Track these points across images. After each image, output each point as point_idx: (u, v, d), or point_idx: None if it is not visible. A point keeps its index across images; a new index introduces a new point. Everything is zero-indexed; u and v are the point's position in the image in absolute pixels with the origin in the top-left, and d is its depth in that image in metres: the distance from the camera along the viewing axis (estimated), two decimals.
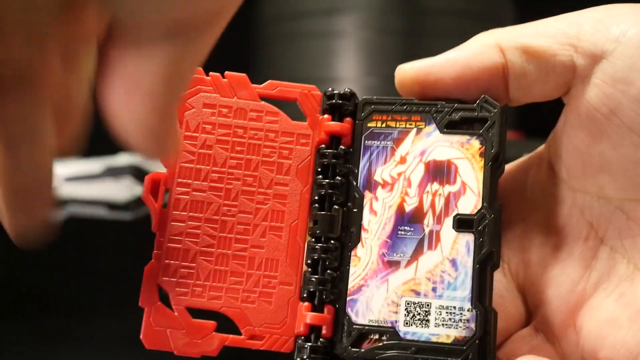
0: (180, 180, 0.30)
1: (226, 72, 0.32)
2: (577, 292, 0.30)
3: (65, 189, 0.80)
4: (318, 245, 0.30)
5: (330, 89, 0.32)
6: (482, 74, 0.29)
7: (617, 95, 0.26)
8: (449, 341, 0.28)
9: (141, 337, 0.28)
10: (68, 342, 0.75)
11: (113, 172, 0.79)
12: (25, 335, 0.77)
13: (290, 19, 0.68)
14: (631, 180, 0.27)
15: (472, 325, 0.28)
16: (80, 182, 0.80)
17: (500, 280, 0.31)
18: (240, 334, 0.29)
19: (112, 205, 0.78)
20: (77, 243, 0.92)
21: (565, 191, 0.30)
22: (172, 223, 0.30)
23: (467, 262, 0.29)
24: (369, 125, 0.31)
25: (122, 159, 0.80)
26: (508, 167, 0.33)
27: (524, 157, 0.33)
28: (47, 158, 0.21)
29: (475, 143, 0.30)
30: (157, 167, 0.30)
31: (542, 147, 0.32)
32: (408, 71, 0.30)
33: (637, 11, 0.27)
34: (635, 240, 0.28)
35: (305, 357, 0.29)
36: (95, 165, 0.80)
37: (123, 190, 0.78)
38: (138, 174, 0.77)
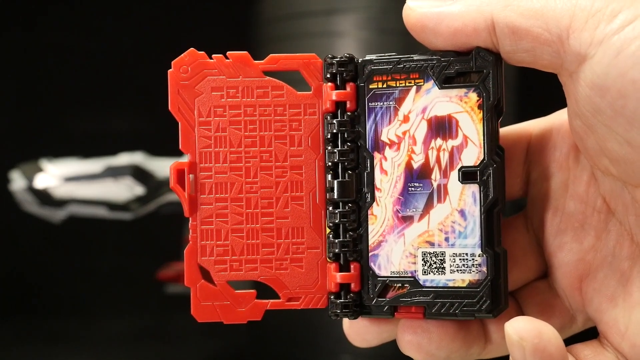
0: (202, 165, 0.33)
1: (228, 52, 0.33)
2: (586, 260, 0.32)
3: (65, 189, 0.80)
4: (336, 211, 0.32)
5: (330, 56, 0.33)
6: (475, 40, 0.30)
7: (596, 99, 0.27)
8: (465, 285, 0.31)
9: (192, 312, 0.32)
10: (68, 342, 0.79)
11: (113, 172, 0.79)
12: (25, 335, 0.82)
13: (290, 19, 0.66)
14: (625, 170, 0.29)
15: (484, 269, 0.31)
16: (80, 182, 0.80)
17: (524, 234, 0.34)
18: (279, 298, 0.32)
19: (112, 205, 0.79)
20: (77, 243, 0.95)
21: (586, 161, 0.32)
22: (202, 206, 0.32)
23: (474, 211, 0.31)
24: (370, 87, 0.33)
25: (122, 159, 0.80)
26: (540, 121, 0.34)
27: (559, 114, 0.34)
28: None
29: (473, 96, 0.31)
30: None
31: None
32: (413, 10, 0.31)
33: (636, 5, 0.26)
34: (638, 219, 0.30)
35: (338, 311, 0.32)
36: (95, 165, 0.80)
37: (123, 190, 0.79)
38: (138, 174, 0.78)
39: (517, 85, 0.71)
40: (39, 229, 0.91)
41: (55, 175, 0.84)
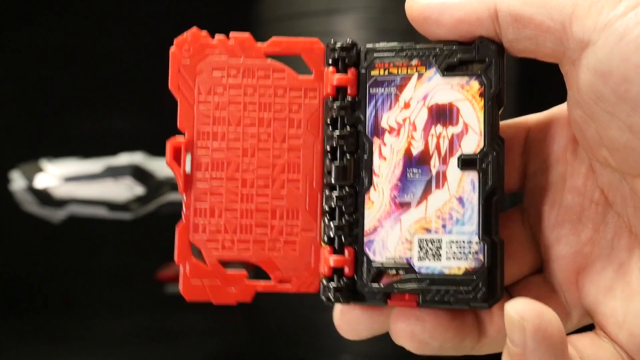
0: (199, 142, 0.32)
1: (231, 32, 0.33)
2: (584, 253, 0.31)
3: (65, 189, 0.81)
4: (333, 194, 0.32)
5: (332, 41, 0.33)
6: (478, 29, 0.30)
7: (599, 86, 0.27)
8: (460, 272, 0.31)
9: (180, 291, 0.32)
10: (68, 342, 0.79)
11: (113, 172, 0.79)
12: (25, 335, 0.82)
13: (290, 19, 0.67)
14: (625, 159, 0.28)
15: (481, 257, 0.31)
16: (80, 182, 0.81)
17: (520, 228, 0.33)
18: (270, 279, 0.32)
19: (112, 205, 0.79)
20: (77, 243, 0.95)
21: (584, 154, 0.31)
22: (197, 184, 0.32)
23: (472, 198, 0.31)
24: (372, 73, 0.32)
25: (122, 159, 0.80)
26: (538, 115, 0.34)
27: (558, 109, 0.33)
28: None
29: (475, 84, 0.31)
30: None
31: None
32: (416, 2, 0.31)
33: None
34: (636, 210, 0.30)
35: (330, 295, 0.32)
36: (95, 165, 0.81)
37: (123, 190, 0.79)
38: (138, 174, 0.78)
39: (517, 84, 0.71)
40: (39, 229, 0.91)
41: (55, 175, 0.84)
